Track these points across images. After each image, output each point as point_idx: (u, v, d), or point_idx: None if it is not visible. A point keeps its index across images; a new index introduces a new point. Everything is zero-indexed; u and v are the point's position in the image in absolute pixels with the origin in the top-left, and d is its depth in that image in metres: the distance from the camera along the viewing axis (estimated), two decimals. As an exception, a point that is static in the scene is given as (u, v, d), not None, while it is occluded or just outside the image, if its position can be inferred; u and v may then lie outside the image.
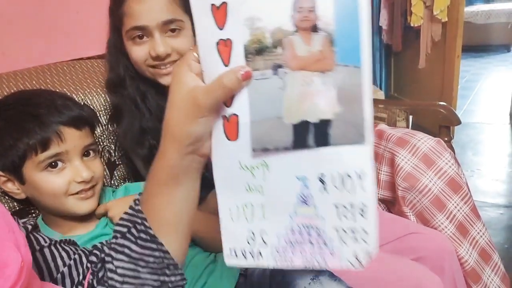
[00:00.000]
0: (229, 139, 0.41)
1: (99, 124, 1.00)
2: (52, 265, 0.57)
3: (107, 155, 1.00)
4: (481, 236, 0.98)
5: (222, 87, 0.39)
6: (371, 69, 0.36)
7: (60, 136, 0.71)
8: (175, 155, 0.42)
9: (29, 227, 0.63)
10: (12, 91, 0.90)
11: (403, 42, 2.83)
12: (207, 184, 0.48)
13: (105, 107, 1.01)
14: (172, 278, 0.46)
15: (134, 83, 0.92)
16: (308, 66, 0.37)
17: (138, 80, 0.92)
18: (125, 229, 0.46)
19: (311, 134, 0.38)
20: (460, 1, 2.37)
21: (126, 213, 0.47)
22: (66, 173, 0.73)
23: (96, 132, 0.98)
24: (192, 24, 0.97)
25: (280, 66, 0.38)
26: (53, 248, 0.60)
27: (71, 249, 0.62)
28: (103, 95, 1.02)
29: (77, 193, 0.74)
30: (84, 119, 0.77)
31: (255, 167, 0.41)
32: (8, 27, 1.13)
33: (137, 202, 0.47)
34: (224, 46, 0.39)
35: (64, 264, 0.57)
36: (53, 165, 0.72)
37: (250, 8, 0.38)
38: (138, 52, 0.87)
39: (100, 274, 0.48)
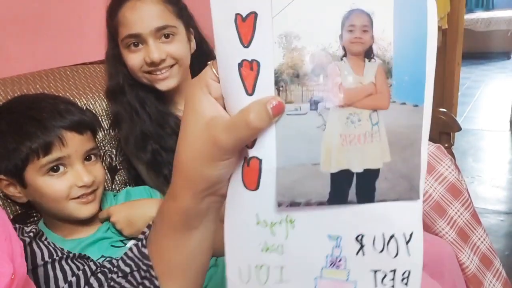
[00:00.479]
0: (247, 188, 0.32)
1: (101, 129, 1.00)
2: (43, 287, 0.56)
3: (108, 159, 1.00)
4: (482, 242, 0.98)
5: (247, 124, 0.29)
6: (431, 109, 0.30)
7: (62, 141, 0.72)
8: (190, 199, 0.34)
9: (27, 239, 0.62)
10: (16, 95, 0.91)
11: (403, 49, 2.84)
12: None
13: (107, 112, 1.02)
14: None
15: (133, 90, 0.93)
16: (357, 102, 0.30)
17: (137, 87, 0.93)
18: (128, 269, 0.41)
19: (353, 187, 0.31)
20: (460, 9, 2.39)
21: (131, 250, 0.42)
22: (67, 177, 0.73)
23: (98, 136, 0.99)
24: (186, 29, 0.98)
25: (321, 100, 0.30)
26: (49, 266, 0.59)
27: (71, 268, 0.61)
28: (105, 100, 1.03)
29: (78, 197, 0.74)
30: (86, 124, 0.77)
31: (277, 223, 0.33)
32: (12, 32, 1.14)
33: (143, 242, 0.40)
34: (249, 70, 0.30)
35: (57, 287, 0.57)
36: (54, 169, 0.72)
37: (287, 22, 0.29)
38: (134, 59, 0.89)
39: None
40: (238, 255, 0.35)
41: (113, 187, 1.01)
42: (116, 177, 1.02)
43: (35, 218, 0.84)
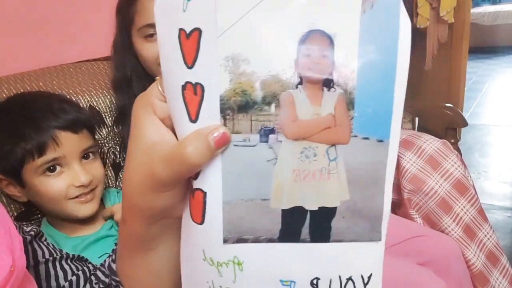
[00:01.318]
0: (193, 221, 0.29)
1: (105, 126, 1.00)
2: (45, 284, 0.56)
3: (112, 156, 1.00)
4: (488, 239, 0.98)
5: (184, 160, 0.26)
6: (397, 145, 0.27)
7: (56, 141, 0.71)
8: (138, 225, 0.31)
9: (28, 237, 0.62)
10: (20, 92, 0.91)
11: (409, 43, 2.82)
12: None
13: (110, 108, 1.02)
14: None
15: (141, 83, 0.92)
16: (313, 135, 0.27)
17: (144, 79, 0.92)
18: (107, 280, 0.43)
19: (307, 225, 0.28)
20: (467, 3, 2.36)
21: (105, 263, 0.43)
22: (64, 177, 0.72)
23: (101, 133, 0.99)
24: None
25: (272, 132, 0.26)
26: (50, 264, 0.59)
27: (71, 268, 0.61)
28: (108, 97, 1.03)
29: (76, 197, 0.73)
30: (81, 122, 0.76)
31: (224, 263, 0.29)
32: (16, 29, 1.14)
33: (113, 257, 0.42)
34: (192, 94, 0.26)
35: (58, 285, 0.57)
36: (51, 169, 0.71)
37: (234, 43, 0.25)
38: (150, 49, 0.88)
39: None
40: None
41: (117, 183, 1.01)
42: (120, 173, 1.01)
43: (39, 216, 0.84)
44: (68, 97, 0.90)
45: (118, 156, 1.01)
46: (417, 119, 1.58)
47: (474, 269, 0.95)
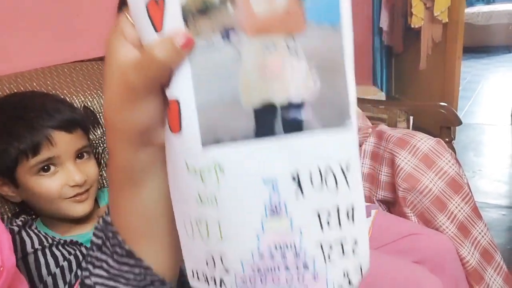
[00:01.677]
0: (172, 132, 0.30)
1: (99, 126, 1.00)
2: (35, 273, 0.55)
3: (107, 156, 1.00)
4: (482, 236, 0.98)
5: (154, 61, 0.27)
6: (351, 29, 0.28)
7: (51, 141, 0.70)
8: (124, 152, 0.32)
9: (16, 228, 0.62)
10: (12, 93, 0.90)
11: (403, 43, 2.83)
12: None
13: (105, 108, 1.02)
14: None
15: None
16: (271, 28, 0.27)
17: None
18: (99, 241, 0.39)
19: (279, 120, 0.28)
20: (461, 2, 2.38)
21: (98, 222, 0.39)
22: (58, 177, 0.72)
23: (96, 133, 0.98)
24: None
25: (232, 30, 0.27)
26: (39, 253, 0.58)
27: (62, 253, 0.61)
28: (103, 97, 1.03)
29: (71, 196, 0.73)
30: (75, 122, 0.75)
31: (205, 170, 0.29)
32: (10, 29, 1.13)
33: (107, 210, 0.38)
34: (155, 6, 0.28)
35: (49, 273, 0.56)
36: (45, 169, 0.71)
37: None
38: None
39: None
40: (181, 208, 0.32)
41: (112, 184, 1.01)
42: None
43: (33, 216, 0.84)
44: (62, 97, 0.89)
45: (101, 156, 1.01)
46: (411, 118, 1.59)
47: (469, 267, 0.96)
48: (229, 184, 0.29)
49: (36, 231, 0.62)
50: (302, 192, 0.29)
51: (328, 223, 0.29)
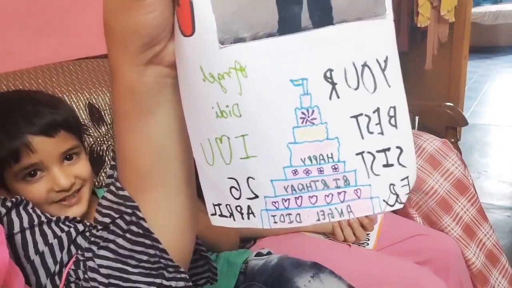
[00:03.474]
0: (184, 34, 0.26)
1: (104, 123, 1.00)
2: (22, 253, 0.54)
3: (111, 154, 1.00)
4: (488, 238, 0.97)
5: None
6: None
7: (30, 147, 0.66)
8: (128, 71, 0.28)
9: (3, 210, 0.59)
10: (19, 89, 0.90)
11: (409, 42, 2.81)
12: None
13: (109, 106, 1.02)
14: (173, 284, 0.35)
15: None
16: None
17: None
18: (107, 219, 0.35)
19: (305, 9, 0.24)
20: (468, 2, 2.36)
21: (105, 198, 0.35)
22: (44, 182, 0.69)
23: (100, 130, 0.98)
24: None
25: None
26: (27, 232, 0.56)
27: (53, 231, 0.59)
28: (108, 94, 1.02)
29: (59, 200, 0.70)
30: (57, 124, 0.70)
31: (226, 74, 0.25)
32: (14, 26, 1.13)
33: (117, 185, 0.34)
34: None
35: (37, 252, 0.55)
36: (31, 174, 0.68)
37: None
38: None
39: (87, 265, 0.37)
40: (197, 128, 0.28)
41: (116, 182, 1.01)
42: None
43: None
44: (46, 95, 0.83)
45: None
46: (417, 118, 1.57)
47: (474, 269, 0.95)
48: (253, 88, 0.25)
49: (30, 210, 0.60)
50: (336, 93, 0.25)
51: (368, 128, 0.26)
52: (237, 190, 0.28)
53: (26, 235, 0.57)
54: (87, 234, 0.49)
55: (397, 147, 0.26)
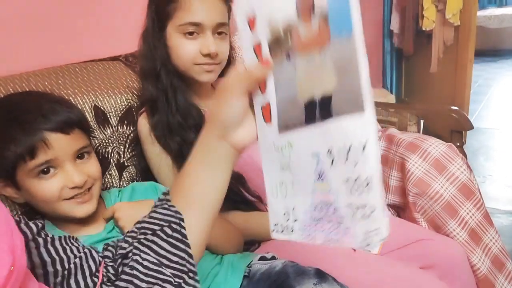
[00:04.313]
0: (265, 122, 0.48)
1: (109, 125, 1.00)
2: (64, 256, 0.55)
3: (116, 156, 1.00)
4: (494, 243, 0.97)
5: (249, 73, 0.48)
6: (363, 38, 0.37)
7: (47, 144, 0.69)
8: (208, 135, 0.50)
9: (35, 228, 0.61)
10: (7, 94, 0.90)
11: (414, 46, 2.81)
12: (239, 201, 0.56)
13: (115, 108, 1.02)
14: (190, 283, 0.48)
15: (169, 77, 0.93)
16: (310, 46, 0.41)
17: (172, 75, 0.93)
18: (157, 227, 0.49)
19: (317, 111, 0.41)
20: (473, 5, 2.35)
21: (158, 212, 0.50)
22: (58, 178, 0.71)
23: (105, 133, 0.99)
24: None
25: (291, 52, 0.43)
26: (63, 241, 0.58)
27: (79, 244, 0.61)
28: (113, 97, 1.03)
29: (72, 197, 0.72)
30: (72, 123, 0.74)
31: (284, 147, 0.46)
32: (21, 29, 1.14)
33: (170, 204, 0.51)
34: (258, 47, 0.47)
35: (75, 256, 0.56)
36: (45, 171, 0.70)
37: (268, 13, 0.45)
38: (189, 48, 0.89)
39: (120, 269, 0.50)
40: (270, 177, 0.49)
41: (121, 183, 1.01)
42: (124, 173, 1.02)
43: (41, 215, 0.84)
44: (58, 96, 0.87)
45: (122, 155, 1.01)
46: (422, 121, 1.57)
47: (479, 274, 0.94)
48: (296, 156, 0.45)
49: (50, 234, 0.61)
50: (334, 164, 0.40)
51: (352, 189, 0.39)
52: (287, 215, 0.47)
53: (56, 245, 0.58)
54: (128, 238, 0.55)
55: (371, 206, 0.38)
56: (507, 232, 1.74)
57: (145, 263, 0.48)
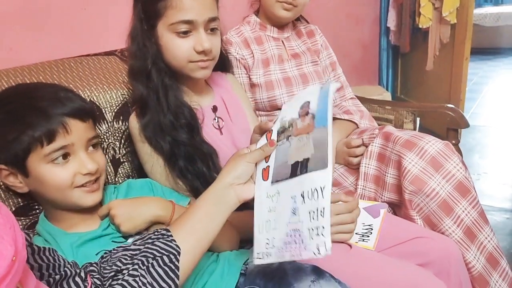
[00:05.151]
0: (263, 180, 0.69)
1: (104, 121, 0.99)
2: (53, 265, 0.57)
3: (111, 152, 1.00)
4: (489, 241, 0.97)
5: (261, 153, 0.70)
6: (331, 128, 0.62)
7: (66, 128, 0.71)
8: (223, 180, 0.68)
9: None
10: (21, 83, 0.90)
11: (411, 43, 2.81)
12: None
13: (110, 104, 1.01)
14: None
15: (160, 76, 0.91)
16: (302, 132, 0.66)
17: (163, 73, 0.92)
18: (158, 255, 0.61)
19: (299, 167, 0.64)
20: (470, 3, 2.35)
21: (161, 242, 0.62)
22: (71, 165, 0.72)
23: (101, 128, 0.98)
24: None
25: (290, 136, 0.68)
26: (47, 253, 0.60)
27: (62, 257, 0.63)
28: (109, 92, 1.02)
29: (82, 185, 0.74)
30: (87, 111, 0.77)
31: (274, 195, 0.66)
32: (16, 23, 1.13)
33: (172, 239, 0.63)
34: (269, 134, 0.73)
35: (65, 265, 0.58)
36: (58, 158, 0.71)
37: (283, 116, 0.72)
38: (183, 46, 0.89)
39: (108, 283, 0.58)
40: (258, 218, 0.67)
41: (116, 179, 1.00)
42: (119, 169, 1.01)
43: (37, 211, 0.83)
44: (74, 90, 0.90)
45: (117, 151, 1.00)
46: (418, 119, 1.57)
47: (474, 272, 0.95)
48: (280, 200, 0.65)
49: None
50: (304, 201, 0.61)
51: (313, 217, 0.58)
52: (268, 244, 0.65)
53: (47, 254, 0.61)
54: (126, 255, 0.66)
55: (322, 226, 0.57)
56: (501, 229, 1.76)
57: (140, 283, 0.58)
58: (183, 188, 0.91)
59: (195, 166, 0.90)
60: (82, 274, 0.58)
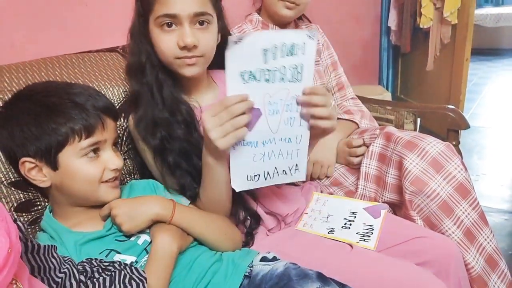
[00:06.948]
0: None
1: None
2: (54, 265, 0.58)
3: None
4: (488, 243, 0.97)
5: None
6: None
7: (104, 124, 0.75)
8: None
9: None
10: (21, 82, 0.90)
11: (411, 43, 2.81)
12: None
13: (112, 100, 1.01)
14: None
15: (154, 71, 0.91)
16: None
17: (157, 69, 0.91)
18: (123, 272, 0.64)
19: None
20: (471, 4, 2.35)
21: (132, 270, 0.67)
22: (101, 160, 0.76)
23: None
24: (218, 20, 1.01)
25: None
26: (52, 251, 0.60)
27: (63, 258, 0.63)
28: (110, 89, 1.02)
29: (108, 180, 0.77)
30: (116, 111, 0.82)
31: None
32: (17, 19, 1.12)
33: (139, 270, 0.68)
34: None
35: (60, 270, 0.58)
36: (91, 152, 0.74)
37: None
38: (166, 41, 0.87)
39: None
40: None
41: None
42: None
43: (39, 207, 0.83)
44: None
45: (120, 149, 1.00)
46: (419, 119, 1.57)
47: (473, 273, 0.95)
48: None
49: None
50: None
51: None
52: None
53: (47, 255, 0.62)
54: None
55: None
56: (499, 230, 1.76)
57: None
58: (171, 186, 0.90)
59: (190, 162, 0.89)
60: (73, 281, 0.59)
